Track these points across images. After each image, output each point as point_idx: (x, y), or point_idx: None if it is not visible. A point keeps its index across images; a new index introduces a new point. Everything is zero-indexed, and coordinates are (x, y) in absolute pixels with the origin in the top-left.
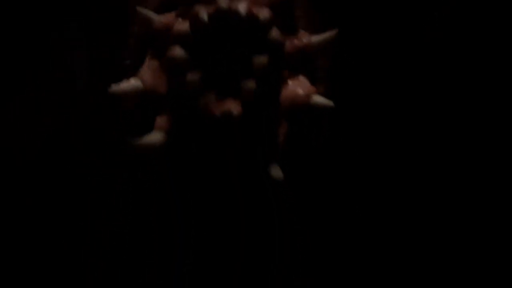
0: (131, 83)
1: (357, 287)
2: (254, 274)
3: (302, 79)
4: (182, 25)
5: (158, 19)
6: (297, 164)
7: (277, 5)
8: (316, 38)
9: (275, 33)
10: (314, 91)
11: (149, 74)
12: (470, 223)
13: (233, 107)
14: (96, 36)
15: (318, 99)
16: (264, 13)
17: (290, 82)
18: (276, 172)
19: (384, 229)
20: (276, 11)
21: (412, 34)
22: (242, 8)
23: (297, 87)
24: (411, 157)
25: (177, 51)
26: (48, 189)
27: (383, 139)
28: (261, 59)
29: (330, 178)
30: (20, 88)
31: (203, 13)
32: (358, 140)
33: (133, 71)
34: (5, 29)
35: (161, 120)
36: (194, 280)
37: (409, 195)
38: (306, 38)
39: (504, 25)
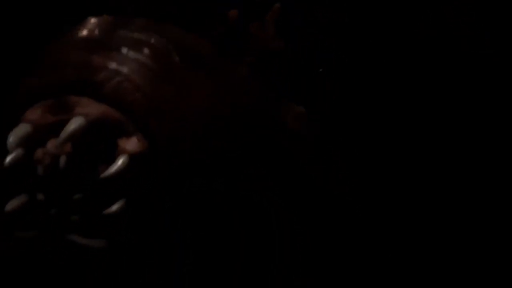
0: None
1: (357, 287)
2: (254, 274)
3: None
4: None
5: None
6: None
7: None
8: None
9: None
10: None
11: None
12: (470, 223)
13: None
14: None
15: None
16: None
17: None
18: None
19: (384, 229)
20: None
21: (406, 32)
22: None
23: None
24: (409, 157)
25: None
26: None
27: (381, 138)
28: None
29: (329, 178)
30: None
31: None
32: (357, 140)
33: None
34: (5, 30)
35: None
36: (194, 280)
37: (409, 195)
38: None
39: (498, 24)
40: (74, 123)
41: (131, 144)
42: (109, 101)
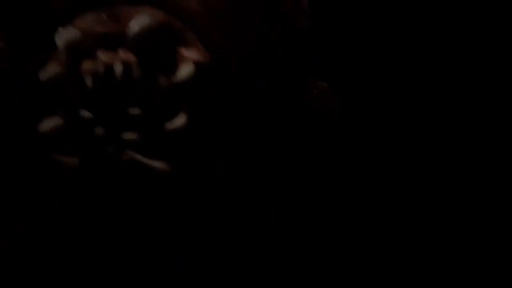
0: None
1: (357, 287)
2: (254, 274)
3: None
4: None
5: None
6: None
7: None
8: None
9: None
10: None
11: None
12: (470, 223)
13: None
14: None
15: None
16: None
17: None
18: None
19: (384, 229)
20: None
21: (406, 32)
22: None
23: None
24: (409, 157)
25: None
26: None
27: (381, 138)
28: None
29: (329, 178)
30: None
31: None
32: (357, 140)
33: None
34: (5, 29)
35: None
36: (194, 280)
37: (409, 195)
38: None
39: (498, 24)
40: (141, 22)
41: (194, 53)
42: (169, 9)
